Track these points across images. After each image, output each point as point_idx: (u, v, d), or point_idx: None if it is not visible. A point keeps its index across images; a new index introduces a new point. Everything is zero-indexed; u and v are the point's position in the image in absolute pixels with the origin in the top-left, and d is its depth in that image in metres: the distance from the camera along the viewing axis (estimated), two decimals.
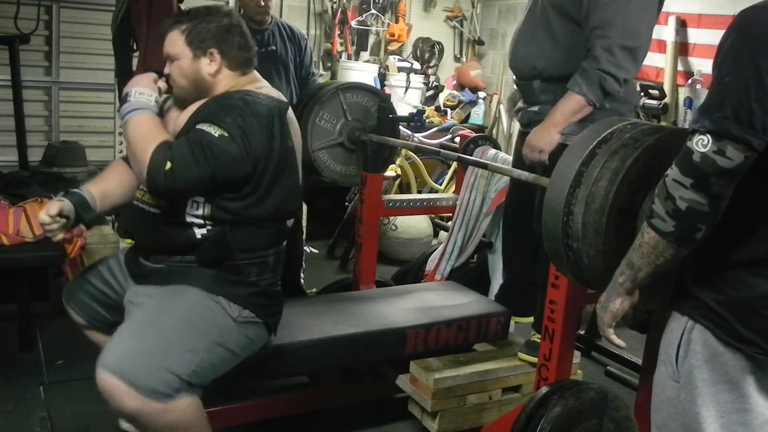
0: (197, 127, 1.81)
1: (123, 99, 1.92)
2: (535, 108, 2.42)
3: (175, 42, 1.94)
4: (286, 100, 2.02)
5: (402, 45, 5.52)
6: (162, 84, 1.98)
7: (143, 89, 1.91)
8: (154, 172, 1.75)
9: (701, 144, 1.17)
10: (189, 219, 1.89)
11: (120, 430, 1.93)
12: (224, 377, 1.91)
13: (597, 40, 2.16)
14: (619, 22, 2.15)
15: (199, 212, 1.88)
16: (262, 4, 3.14)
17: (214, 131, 1.79)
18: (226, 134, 1.79)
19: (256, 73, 2.08)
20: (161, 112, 2.01)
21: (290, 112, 2.02)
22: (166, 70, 1.97)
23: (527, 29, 2.42)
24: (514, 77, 2.57)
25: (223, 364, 1.88)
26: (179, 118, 1.97)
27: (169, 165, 1.74)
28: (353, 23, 5.32)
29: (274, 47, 3.26)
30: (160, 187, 1.77)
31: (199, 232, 1.89)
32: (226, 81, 1.98)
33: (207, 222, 1.89)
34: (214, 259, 1.90)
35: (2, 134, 4.19)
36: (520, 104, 2.59)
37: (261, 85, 2.03)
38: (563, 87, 2.26)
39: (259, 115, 1.86)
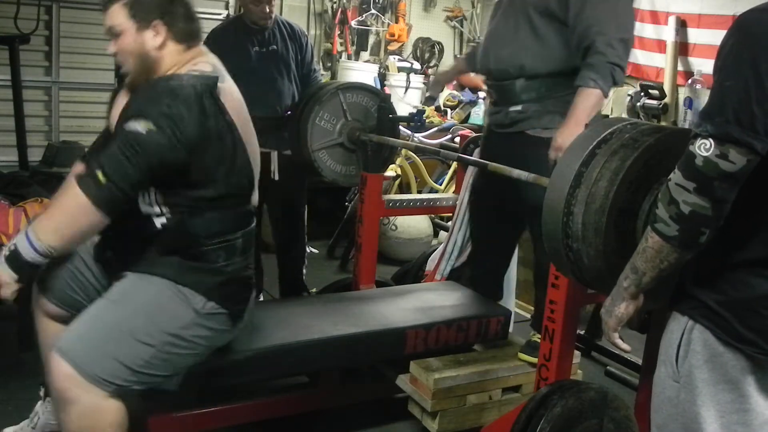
0: (124, 127, 1.77)
1: (12, 257, 1.77)
2: (518, 107, 2.46)
3: (117, 15, 1.85)
4: (217, 75, 1.93)
5: (402, 45, 5.53)
6: None
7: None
8: (93, 192, 1.70)
9: (704, 148, 1.17)
10: (145, 210, 1.86)
11: None
12: (193, 370, 1.90)
13: (597, 36, 2.24)
14: (613, 17, 2.27)
15: (152, 202, 1.85)
16: (267, 10, 3.16)
17: (141, 127, 1.74)
18: (153, 126, 1.74)
19: (201, 47, 2.01)
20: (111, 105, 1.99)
21: (227, 84, 1.95)
22: (111, 49, 1.90)
23: (506, 31, 2.47)
24: (487, 78, 2.61)
25: (184, 356, 1.86)
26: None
27: (101, 174, 1.70)
28: (353, 23, 5.33)
29: (275, 46, 3.27)
30: (109, 201, 1.72)
31: (158, 222, 1.87)
32: (170, 57, 1.91)
33: (164, 211, 1.86)
34: (176, 248, 1.88)
35: (2, 134, 4.20)
36: (491, 106, 2.63)
37: (201, 60, 1.95)
38: (546, 83, 2.37)
39: (187, 99, 1.79)
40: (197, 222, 1.87)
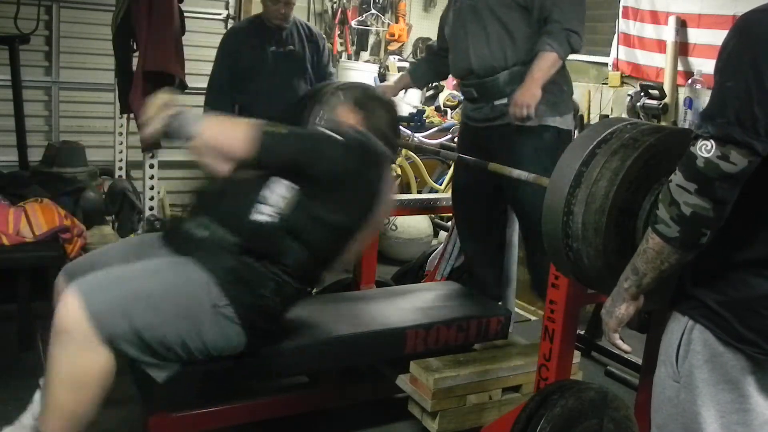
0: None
1: (179, 114, 1.93)
2: (504, 100, 2.57)
3: None
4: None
5: (402, 45, 5.53)
6: None
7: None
8: (257, 129, 1.91)
9: (705, 149, 1.17)
10: (264, 196, 1.95)
11: None
12: (189, 363, 1.90)
13: (553, 8, 2.48)
14: None
15: (279, 195, 1.95)
16: (282, 11, 3.25)
17: (330, 131, 2.05)
18: (327, 131, 2.04)
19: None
20: None
21: (391, 175, 2.25)
22: None
23: (477, 34, 2.61)
24: (466, 79, 2.71)
25: (180, 345, 1.85)
26: None
27: (280, 127, 1.97)
28: (353, 23, 5.33)
29: (292, 46, 3.33)
30: (261, 144, 1.90)
31: (260, 216, 1.93)
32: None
33: (275, 208, 1.94)
34: (247, 250, 1.93)
35: (2, 134, 4.19)
36: (470, 103, 2.75)
37: None
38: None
39: (365, 144, 2.08)
40: (285, 243, 1.95)
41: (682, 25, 4.19)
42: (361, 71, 5.12)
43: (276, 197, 1.94)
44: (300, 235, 1.95)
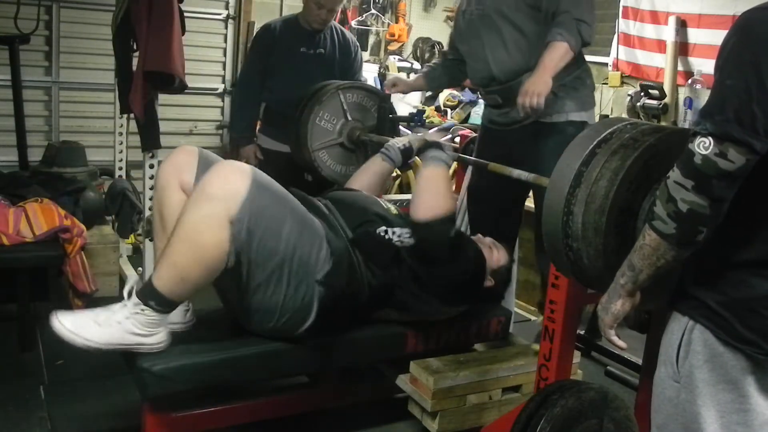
0: None
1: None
2: None
3: None
4: None
5: (402, 45, 5.53)
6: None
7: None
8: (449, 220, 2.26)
9: (703, 146, 1.17)
10: (392, 224, 2.25)
11: None
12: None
13: (562, 1, 2.48)
14: None
15: (406, 234, 2.22)
16: (324, 17, 3.27)
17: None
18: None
19: None
20: None
21: None
22: None
23: (492, 40, 2.63)
24: (488, 86, 2.73)
25: (268, 276, 1.96)
26: None
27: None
28: (353, 23, 5.33)
29: (322, 50, 3.34)
30: (429, 236, 2.19)
31: (379, 229, 2.20)
32: None
33: (402, 238, 2.21)
34: (365, 249, 2.15)
35: (2, 134, 4.20)
36: (493, 110, 2.77)
37: None
38: None
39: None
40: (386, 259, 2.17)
41: (682, 25, 4.19)
42: None
43: (400, 232, 2.22)
44: (401, 267, 2.18)
